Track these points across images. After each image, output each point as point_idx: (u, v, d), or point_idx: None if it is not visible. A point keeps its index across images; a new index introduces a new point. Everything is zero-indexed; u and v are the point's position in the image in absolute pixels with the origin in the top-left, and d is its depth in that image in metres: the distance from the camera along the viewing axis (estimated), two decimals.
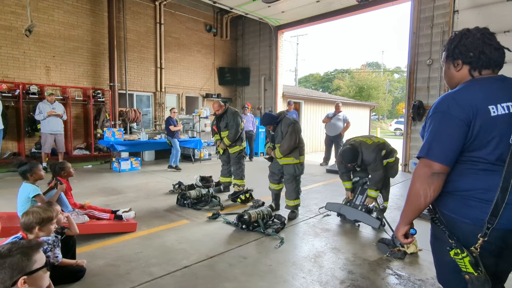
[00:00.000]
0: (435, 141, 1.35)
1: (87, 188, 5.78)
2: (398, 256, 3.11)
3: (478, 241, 1.31)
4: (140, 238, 3.52)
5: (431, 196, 1.36)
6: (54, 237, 2.53)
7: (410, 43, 7.89)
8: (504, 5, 6.47)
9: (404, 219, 1.46)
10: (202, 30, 11.36)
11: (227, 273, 2.77)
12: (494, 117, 1.29)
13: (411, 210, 1.43)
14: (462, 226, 1.37)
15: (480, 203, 1.32)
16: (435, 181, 1.34)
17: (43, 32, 7.81)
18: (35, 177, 3.17)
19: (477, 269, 1.30)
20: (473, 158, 1.35)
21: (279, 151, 4.24)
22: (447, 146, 1.33)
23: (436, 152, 1.34)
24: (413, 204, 1.40)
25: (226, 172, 5.71)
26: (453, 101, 1.35)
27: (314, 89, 38.65)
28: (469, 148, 1.34)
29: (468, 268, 1.31)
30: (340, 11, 9.41)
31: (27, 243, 1.45)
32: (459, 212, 1.37)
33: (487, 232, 1.29)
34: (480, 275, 1.30)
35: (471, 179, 1.36)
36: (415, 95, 7.89)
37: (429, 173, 1.35)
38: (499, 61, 1.42)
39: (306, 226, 4.01)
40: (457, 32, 1.48)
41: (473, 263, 1.30)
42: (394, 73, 45.77)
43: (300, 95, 13.36)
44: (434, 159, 1.34)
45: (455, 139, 1.32)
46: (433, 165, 1.34)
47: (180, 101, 10.96)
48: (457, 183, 1.38)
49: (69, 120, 8.06)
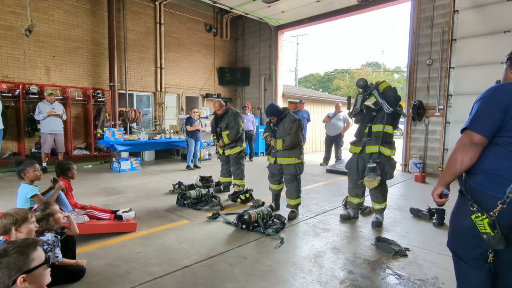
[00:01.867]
0: (478, 116, 1.62)
1: (87, 188, 5.78)
2: (402, 254, 3.12)
3: (497, 207, 1.53)
4: (140, 238, 3.52)
5: (467, 163, 1.62)
6: (54, 237, 2.53)
7: (410, 43, 7.89)
8: (504, 5, 6.48)
9: (441, 181, 1.74)
10: (202, 30, 11.36)
11: (227, 273, 2.77)
12: None
13: (448, 173, 1.69)
14: (486, 197, 1.59)
15: (505, 180, 1.55)
16: (473, 150, 1.61)
17: (43, 32, 7.82)
18: (29, 176, 3.16)
19: (494, 229, 1.52)
20: (505, 141, 1.59)
21: (282, 145, 4.20)
22: (487, 122, 1.59)
23: (477, 125, 1.61)
24: (451, 168, 1.67)
25: (225, 172, 5.70)
26: (498, 88, 1.63)
27: (314, 89, 38.63)
28: (503, 129, 1.59)
29: (487, 228, 1.53)
30: (340, 11, 9.42)
31: (23, 241, 1.43)
32: (487, 186, 1.60)
33: (507, 200, 1.51)
34: (496, 235, 1.52)
35: (500, 160, 1.59)
36: (415, 95, 7.89)
37: (469, 142, 1.62)
38: None
39: (306, 226, 4.01)
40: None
41: (491, 224, 1.52)
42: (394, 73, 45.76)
43: (300, 95, 13.35)
44: (476, 130, 1.60)
45: (495, 117, 1.58)
46: (474, 136, 1.60)
47: (180, 101, 10.96)
48: (488, 163, 1.61)
49: (69, 120, 8.06)
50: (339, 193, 5.69)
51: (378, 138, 3.87)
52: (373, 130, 3.92)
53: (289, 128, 4.19)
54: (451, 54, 7.22)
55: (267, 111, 4.39)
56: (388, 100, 3.79)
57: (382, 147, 3.85)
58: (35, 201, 3.07)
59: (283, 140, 4.20)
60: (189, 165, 8.07)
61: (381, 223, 4.02)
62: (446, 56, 7.29)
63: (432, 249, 3.27)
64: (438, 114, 7.51)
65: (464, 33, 7.02)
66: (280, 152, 4.31)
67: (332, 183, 6.69)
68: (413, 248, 3.30)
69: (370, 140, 3.93)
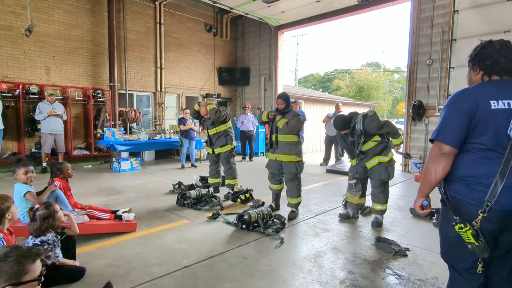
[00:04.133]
0: (444, 126, 1.62)
1: (87, 188, 5.78)
2: (402, 254, 3.13)
3: (479, 216, 1.53)
4: (140, 238, 3.52)
5: (440, 173, 1.62)
6: (55, 237, 2.53)
7: (410, 43, 7.89)
8: (504, 5, 6.47)
9: (420, 192, 1.74)
10: (202, 30, 11.36)
11: (227, 273, 2.77)
12: (493, 110, 1.53)
13: (425, 184, 1.70)
14: (467, 206, 1.58)
15: (483, 187, 1.54)
16: (444, 160, 1.61)
17: (43, 32, 7.81)
18: (18, 178, 3.14)
19: (478, 239, 1.52)
20: (475, 146, 1.58)
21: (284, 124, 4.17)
22: (453, 131, 1.59)
23: (444, 136, 1.61)
24: (427, 179, 1.68)
25: (214, 173, 5.60)
26: (461, 95, 1.62)
27: (314, 89, 38.62)
28: (471, 136, 1.58)
29: (470, 239, 1.53)
30: (340, 11, 9.41)
31: (27, 250, 1.38)
32: (465, 194, 1.59)
33: (486, 209, 1.51)
34: (480, 245, 1.52)
35: (475, 167, 1.58)
36: (415, 95, 7.89)
37: (439, 153, 1.62)
38: (511, 71, 1.64)
39: (306, 226, 4.01)
40: (481, 42, 1.72)
41: (474, 234, 1.52)
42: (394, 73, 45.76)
43: (300, 95, 13.37)
44: (443, 141, 1.61)
45: (460, 125, 1.57)
46: (442, 146, 1.61)
47: (180, 101, 10.96)
48: (464, 170, 1.61)
49: (69, 120, 8.06)
50: (339, 193, 5.68)
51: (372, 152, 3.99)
52: (364, 150, 4.03)
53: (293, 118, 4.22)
54: (451, 54, 7.22)
55: (279, 95, 4.41)
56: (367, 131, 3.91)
57: (380, 156, 3.96)
58: (27, 199, 3.07)
59: (287, 122, 4.18)
60: (183, 164, 8.26)
61: (381, 223, 4.02)
62: (446, 56, 7.29)
63: (432, 249, 3.27)
64: (438, 114, 7.50)
65: (464, 33, 7.02)
66: (280, 148, 4.29)
67: (332, 183, 6.69)
68: (413, 248, 3.30)
69: (366, 157, 4.05)
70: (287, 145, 4.26)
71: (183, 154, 8.37)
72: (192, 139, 8.29)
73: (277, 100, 4.38)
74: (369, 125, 3.86)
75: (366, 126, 3.87)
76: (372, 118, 3.88)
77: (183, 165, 8.26)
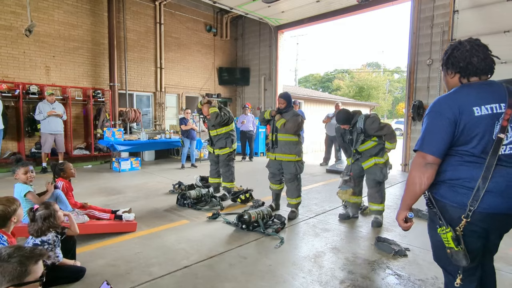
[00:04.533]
0: (427, 136, 1.59)
1: (87, 188, 5.78)
2: (402, 254, 3.13)
3: (462, 222, 1.51)
4: (140, 238, 3.52)
5: (425, 183, 1.59)
6: (55, 237, 2.53)
7: (410, 43, 7.89)
8: (504, 5, 6.47)
9: (403, 205, 1.69)
10: (202, 30, 11.36)
11: (227, 273, 2.77)
12: (477, 117, 1.50)
13: (409, 196, 1.65)
14: (450, 209, 1.57)
15: (466, 190, 1.52)
16: (429, 170, 1.57)
17: (43, 32, 7.81)
18: (18, 178, 3.14)
19: (458, 245, 1.51)
20: (461, 152, 1.56)
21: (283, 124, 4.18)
22: (437, 141, 1.55)
23: (428, 146, 1.57)
24: (410, 190, 1.63)
25: (214, 173, 5.53)
26: (444, 103, 1.58)
27: (314, 89, 38.62)
28: (456, 143, 1.55)
29: (450, 243, 1.52)
30: (340, 11, 9.41)
31: (30, 251, 1.38)
32: (449, 197, 1.58)
33: (469, 213, 1.50)
34: (459, 251, 1.50)
35: (459, 170, 1.56)
36: (415, 95, 7.89)
37: (423, 163, 1.58)
38: (486, 69, 1.62)
39: (306, 226, 4.01)
40: (451, 44, 1.70)
41: (455, 238, 1.51)
42: (394, 73, 45.75)
43: (300, 95, 13.37)
44: (427, 151, 1.57)
45: (443, 135, 1.54)
46: (426, 156, 1.57)
47: (180, 101, 10.97)
48: (448, 173, 1.59)
49: (69, 120, 8.06)
50: None
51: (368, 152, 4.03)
52: (360, 150, 4.07)
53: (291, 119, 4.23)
54: None
55: (281, 94, 4.40)
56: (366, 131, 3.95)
57: (376, 158, 4.00)
58: (28, 199, 3.07)
59: (284, 123, 4.19)
60: (183, 164, 8.28)
61: (380, 223, 4.03)
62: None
63: None
64: None
65: (464, 33, 7.01)
66: (280, 148, 4.29)
67: (332, 183, 6.69)
68: (413, 248, 3.30)
69: (362, 157, 4.09)
70: (286, 144, 4.26)
71: (184, 154, 8.38)
72: (193, 139, 8.30)
73: (278, 99, 4.39)
74: (370, 125, 3.89)
75: (367, 126, 3.91)
76: (373, 119, 3.92)
77: (183, 165, 8.28)
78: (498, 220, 1.54)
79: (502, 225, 1.58)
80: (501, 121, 1.49)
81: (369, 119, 3.93)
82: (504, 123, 1.49)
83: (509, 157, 1.51)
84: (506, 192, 1.48)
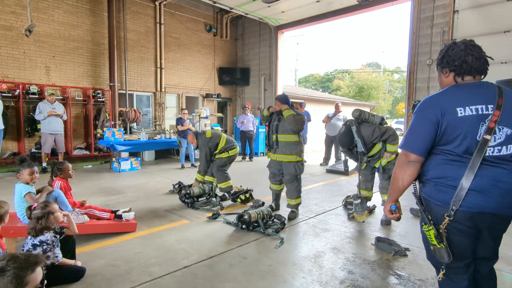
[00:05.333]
0: (410, 135, 1.65)
1: (87, 188, 5.78)
2: (402, 254, 3.13)
3: (445, 220, 1.55)
4: (140, 238, 3.52)
5: (407, 180, 1.66)
6: (53, 237, 2.53)
7: (410, 43, 7.89)
8: (504, 5, 6.47)
9: (389, 198, 1.80)
10: (202, 30, 11.36)
11: (227, 273, 2.77)
12: (461, 117, 1.53)
13: (393, 191, 1.75)
14: (435, 207, 1.62)
15: (449, 189, 1.55)
16: (411, 167, 1.64)
17: (43, 32, 7.81)
18: (22, 178, 3.14)
19: (440, 242, 1.54)
20: (444, 151, 1.59)
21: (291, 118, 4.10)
22: (419, 140, 1.61)
23: (411, 145, 1.64)
24: (394, 186, 1.73)
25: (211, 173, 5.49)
26: (428, 103, 1.63)
27: (314, 89, 38.62)
28: (439, 143, 1.59)
29: (433, 240, 1.56)
30: (340, 11, 9.41)
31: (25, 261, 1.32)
32: (433, 196, 1.62)
33: (452, 212, 1.52)
34: (441, 248, 1.54)
35: (443, 169, 1.60)
36: (415, 95, 7.89)
37: (406, 161, 1.65)
38: (480, 68, 1.63)
39: (306, 226, 4.01)
40: (446, 44, 1.74)
41: (436, 236, 1.54)
42: (394, 73, 45.75)
43: (300, 95, 13.37)
44: (409, 150, 1.63)
45: (425, 135, 1.59)
46: (409, 155, 1.63)
47: (180, 101, 10.97)
48: (433, 172, 1.63)
49: (69, 120, 8.06)
50: (339, 193, 5.69)
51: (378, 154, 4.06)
52: (369, 154, 4.07)
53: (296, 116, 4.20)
54: None
55: (278, 97, 4.33)
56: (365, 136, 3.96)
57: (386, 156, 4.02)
58: (26, 199, 3.07)
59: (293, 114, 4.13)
60: (182, 164, 8.31)
61: (389, 221, 4.06)
62: None
63: None
64: None
65: (464, 33, 7.02)
66: (281, 148, 4.27)
67: (332, 183, 6.69)
68: (413, 248, 3.30)
69: (373, 159, 4.09)
70: (287, 145, 4.24)
71: (182, 154, 8.41)
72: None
73: (276, 102, 4.33)
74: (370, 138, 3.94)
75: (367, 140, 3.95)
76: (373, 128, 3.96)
77: (183, 165, 8.29)
78: (486, 220, 1.54)
79: (491, 226, 1.57)
80: (487, 123, 1.50)
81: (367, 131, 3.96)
82: (491, 124, 1.49)
83: (498, 158, 1.51)
84: (491, 192, 1.48)
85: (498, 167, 1.51)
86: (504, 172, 1.50)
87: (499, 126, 1.50)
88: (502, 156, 1.51)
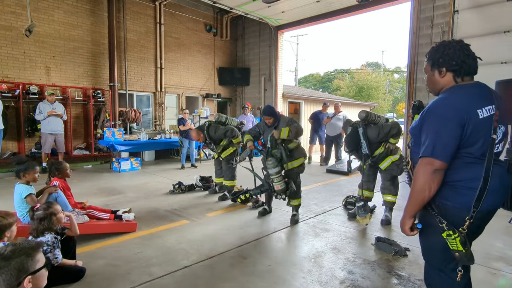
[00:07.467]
0: (437, 141, 1.52)
1: (87, 188, 5.78)
2: (402, 254, 3.13)
3: (465, 223, 1.52)
4: (140, 238, 3.52)
5: (435, 189, 1.55)
6: (54, 238, 2.53)
7: (410, 43, 7.89)
8: (504, 5, 6.47)
9: (409, 212, 1.62)
10: (202, 30, 11.36)
11: (227, 273, 2.77)
12: (481, 120, 1.52)
13: (416, 203, 1.59)
14: (453, 211, 1.56)
15: (468, 191, 1.53)
16: (438, 176, 1.53)
17: (43, 32, 7.81)
18: (27, 178, 3.15)
19: (465, 247, 1.50)
20: (463, 154, 1.55)
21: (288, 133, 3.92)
22: (447, 146, 1.51)
23: (438, 152, 1.52)
24: (419, 198, 1.57)
25: (220, 173, 5.52)
26: (452, 106, 1.54)
27: (314, 89, 38.63)
28: (462, 146, 1.54)
29: (459, 246, 1.51)
30: (340, 11, 9.41)
31: (28, 244, 1.46)
32: (452, 199, 1.57)
33: (473, 215, 1.51)
34: (467, 252, 1.51)
35: (461, 171, 1.56)
36: (415, 95, 7.89)
37: (431, 169, 1.52)
38: (475, 69, 1.64)
39: (306, 226, 4.01)
40: (439, 43, 1.69)
41: (463, 241, 1.50)
42: (394, 73, 45.74)
43: (300, 95, 13.37)
44: (437, 157, 1.52)
45: (453, 139, 1.51)
46: (435, 162, 1.52)
47: (180, 101, 10.97)
48: (451, 175, 1.57)
49: (69, 120, 8.06)
50: (339, 193, 5.69)
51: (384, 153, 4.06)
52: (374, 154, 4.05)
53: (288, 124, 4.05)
54: None
55: (264, 112, 4.15)
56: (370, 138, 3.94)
57: (391, 156, 4.06)
58: (27, 202, 3.07)
59: (289, 129, 3.95)
60: (183, 164, 8.32)
61: (389, 221, 4.08)
62: None
63: None
64: None
65: (464, 33, 7.01)
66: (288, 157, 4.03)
67: (332, 183, 6.69)
68: (413, 248, 3.30)
69: (378, 159, 4.08)
70: (291, 152, 4.09)
71: (183, 154, 8.41)
72: (192, 139, 8.30)
73: (264, 117, 4.15)
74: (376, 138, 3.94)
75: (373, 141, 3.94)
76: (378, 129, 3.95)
77: (183, 165, 8.30)
78: (490, 216, 1.62)
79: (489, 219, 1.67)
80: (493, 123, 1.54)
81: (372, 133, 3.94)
82: (494, 124, 1.53)
83: (496, 156, 1.57)
84: (500, 190, 1.55)
85: (496, 164, 1.56)
86: (501, 169, 1.58)
87: (499, 125, 1.55)
88: (498, 154, 1.58)
